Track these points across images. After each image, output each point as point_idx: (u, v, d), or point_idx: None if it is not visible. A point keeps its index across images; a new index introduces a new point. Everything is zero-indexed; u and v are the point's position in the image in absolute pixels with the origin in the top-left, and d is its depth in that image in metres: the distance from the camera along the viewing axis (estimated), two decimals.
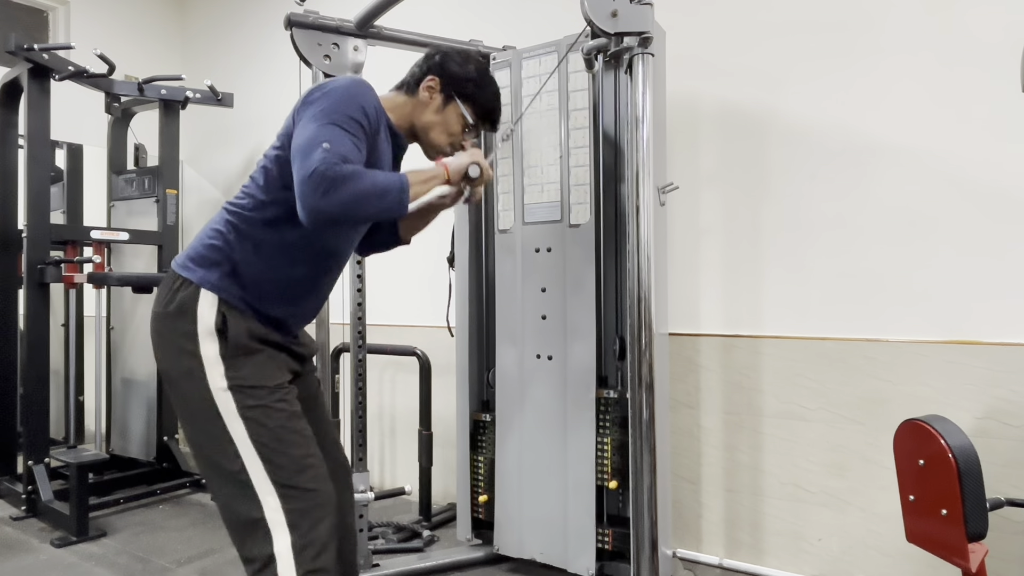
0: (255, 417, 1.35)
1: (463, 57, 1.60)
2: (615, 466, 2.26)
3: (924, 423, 1.40)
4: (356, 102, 1.37)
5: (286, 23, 2.30)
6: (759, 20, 2.42)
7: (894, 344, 2.18)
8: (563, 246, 2.32)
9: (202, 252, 1.43)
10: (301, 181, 1.26)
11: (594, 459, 2.25)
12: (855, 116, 2.25)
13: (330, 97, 1.36)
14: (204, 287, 1.39)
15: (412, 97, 1.58)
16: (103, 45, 3.40)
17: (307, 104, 1.38)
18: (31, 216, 3.09)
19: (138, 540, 2.81)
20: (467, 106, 1.57)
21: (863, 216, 2.24)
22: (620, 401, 2.26)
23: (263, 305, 1.43)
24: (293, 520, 1.34)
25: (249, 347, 1.39)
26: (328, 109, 1.34)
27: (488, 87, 1.61)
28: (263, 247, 1.42)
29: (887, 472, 2.17)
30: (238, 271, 1.41)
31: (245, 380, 1.37)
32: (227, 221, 1.44)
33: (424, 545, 2.70)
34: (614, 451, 2.25)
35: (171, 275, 1.45)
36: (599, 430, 2.26)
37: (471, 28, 2.83)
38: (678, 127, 2.51)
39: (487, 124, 1.64)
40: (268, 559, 1.32)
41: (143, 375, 3.67)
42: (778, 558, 2.38)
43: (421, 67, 1.59)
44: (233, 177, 4.24)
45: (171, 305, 1.40)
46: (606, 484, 2.25)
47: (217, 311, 1.38)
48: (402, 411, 3.38)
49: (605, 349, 2.32)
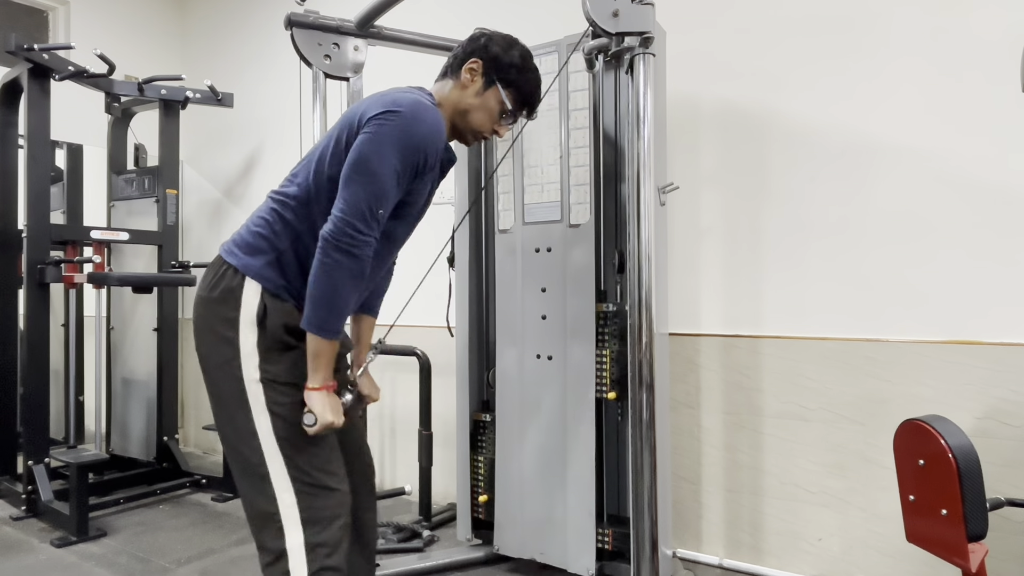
0: (282, 414, 1.37)
1: (508, 42, 1.57)
2: (614, 377, 2.27)
3: (924, 423, 1.40)
4: (417, 145, 1.37)
5: (286, 23, 2.30)
6: (760, 21, 2.42)
7: (894, 344, 2.18)
8: (563, 246, 2.32)
9: (248, 239, 1.44)
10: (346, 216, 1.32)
11: (594, 459, 2.25)
12: (856, 118, 2.25)
13: (397, 126, 1.35)
14: (248, 274, 1.40)
15: (455, 80, 1.55)
16: (103, 45, 3.40)
17: (373, 120, 1.36)
18: (31, 216, 3.09)
19: (138, 540, 2.81)
20: (508, 92, 1.55)
21: (863, 217, 2.24)
22: (619, 313, 2.28)
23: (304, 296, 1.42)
24: (307, 518, 1.35)
25: (285, 342, 1.40)
26: (387, 146, 1.34)
27: (530, 74, 1.58)
28: (305, 239, 1.42)
29: (887, 472, 2.17)
30: (282, 260, 1.42)
31: (278, 376, 1.38)
32: (272, 210, 1.44)
33: (424, 545, 2.70)
34: (612, 362, 2.28)
35: (217, 260, 1.45)
36: (599, 343, 2.27)
37: (471, 28, 2.82)
38: (678, 127, 2.52)
39: (525, 111, 1.63)
40: (280, 553, 1.34)
41: (143, 375, 3.67)
42: (778, 558, 2.38)
43: (465, 48, 1.57)
44: (233, 177, 4.24)
45: (216, 290, 1.41)
46: (605, 395, 2.27)
47: (260, 300, 1.39)
48: (402, 411, 3.38)
49: (605, 265, 2.32)
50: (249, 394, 1.37)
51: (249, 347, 1.37)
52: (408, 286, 2.21)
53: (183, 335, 3.76)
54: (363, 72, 2.42)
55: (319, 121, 2.36)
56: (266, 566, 1.36)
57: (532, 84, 1.59)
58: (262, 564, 1.38)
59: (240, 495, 1.44)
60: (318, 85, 2.35)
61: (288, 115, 3.81)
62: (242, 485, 1.42)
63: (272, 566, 1.35)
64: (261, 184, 4.07)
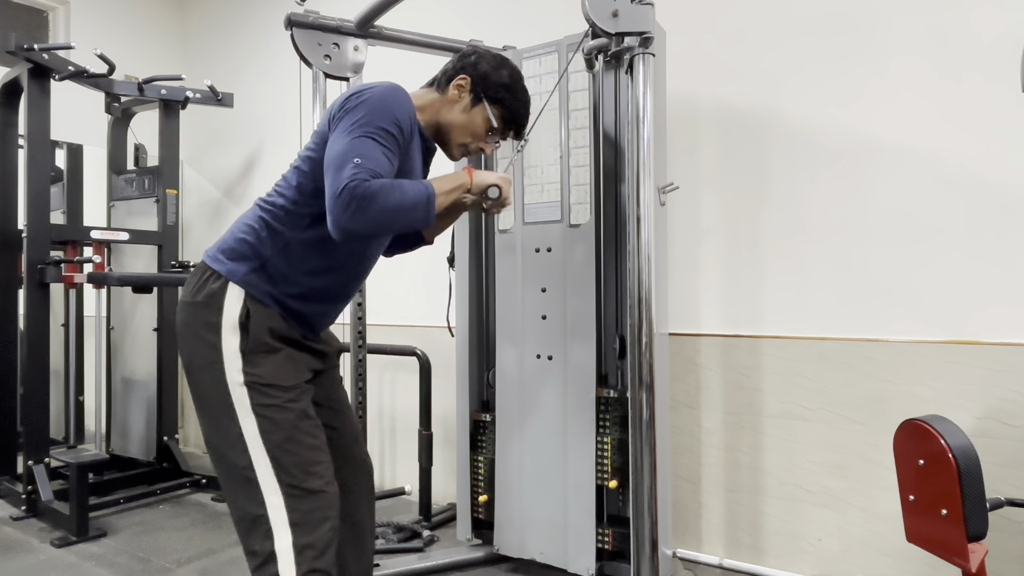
0: (267, 416, 1.37)
1: (498, 61, 1.58)
2: (615, 465, 2.25)
3: (924, 423, 1.40)
4: (390, 112, 1.38)
5: (286, 23, 2.30)
6: (761, 21, 2.42)
7: (894, 344, 2.18)
8: (563, 246, 2.32)
9: (233, 246, 1.44)
10: (332, 197, 1.30)
11: (594, 459, 2.25)
12: (856, 118, 2.25)
13: (365, 106, 1.37)
14: (232, 280, 1.41)
15: (441, 94, 1.57)
16: (103, 45, 3.40)
17: (343, 112, 1.38)
18: (31, 216, 3.09)
19: (138, 540, 2.81)
20: (495, 110, 1.56)
21: (864, 217, 2.24)
22: (620, 400, 2.26)
23: (289, 302, 1.44)
24: (295, 520, 1.35)
25: (269, 344, 1.40)
26: (362, 120, 1.35)
27: (519, 95, 1.59)
28: (293, 246, 1.44)
29: (887, 472, 2.17)
30: (267, 267, 1.42)
31: (261, 378, 1.38)
32: (259, 217, 1.45)
33: (424, 545, 2.70)
34: (614, 450, 2.25)
35: (201, 266, 1.46)
36: (599, 429, 2.26)
37: (471, 28, 2.84)
38: (678, 127, 2.52)
39: (512, 131, 1.63)
40: (269, 555, 1.34)
41: (143, 375, 3.67)
42: (778, 558, 2.38)
43: (455, 65, 1.58)
44: (233, 177, 4.24)
45: (199, 295, 1.42)
46: (606, 484, 2.26)
47: (243, 305, 1.39)
48: (402, 411, 3.38)
49: (605, 348, 2.32)
50: (234, 397, 1.37)
51: (232, 350, 1.38)
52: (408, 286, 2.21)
53: None
54: (363, 72, 2.42)
55: (319, 121, 2.36)
56: (255, 569, 1.36)
57: (520, 104, 1.60)
58: (251, 567, 1.37)
59: (226, 499, 1.43)
60: (318, 85, 2.35)
61: (288, 115, 3.81)
62: (228, 489, 1.41)
63: (261, 569, 1.35)
64: (261, 184, 4.06)
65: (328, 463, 1.44)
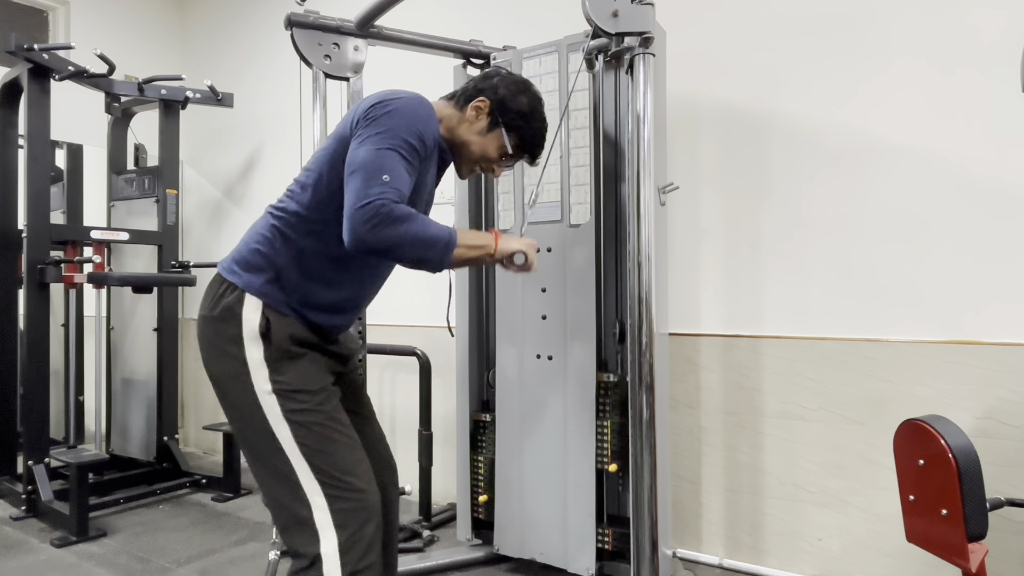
0: (299, 420, 1.38)
1: (518, 87, 1.58)
2: (615, 449, 2.26)
3: (924, 423, 1.40)
4: (416, 126, 1.38)
5: (286, 23, 2.30)
6: (760, 21, 2.42)
7: (894, 344, 2.18)
8: (563, 246, 2.32)
9: (247, 257, 1.45)
10: (354, 206, 1.29)
11: (594, 449, 2.25)
12: (856, 117, 2.25)
13: (393, 117, 1.36)
14: (248, 292, 1.41)
15: (459, 111, 1.57)
16: (103, 45, 3.40)
17: (369, 120, 1.37)
18: (31, 216, 3.09)
19: (138, 540, 2.81)
20: (511, 137, 1.57)
21: (863, 216, 2.24)
22: (620, 384, 2.27)
23: (306, 310, 1.45)
24: (339, 521, 1.36)
25: (292, 351, 1.41)
26: (390, 131, 1.34)
27: (536, 123, 1.59)
28: (307, 254, 1.44)
29: (887, 472, 2.17)
30: (282, 277, 1.43)
31: (288, 384, 1.39)
32: (272, 226, 1.45)
33: (424, 545, 2.70)
34: (614, 434, 2.26)
35: (216, 279, 1.46)
36: (599, 413, 2.26)
37: (471, 28, 2.83)
38: (678, 127, 2.51)
39: (526, 157, 1.64)
40: (315, 558, 1.34)
41: (143, 375, 3.67)
42: (778, 558, 2.38)
43: (476, 85, 1.58)
44: (233, 177, 4.24)
45: (216, 309, 1.42)
46: (606, 467, 2.26)
47: (261, 315, 1.40)
48: (402, 411, 3.38)
49: (605, 335, 2.32)
50: (264, 405, 1.38)
51: (256, 360, 1.39)
52: (408, 286, 2.21)
53: (183, 335, 3.76)
54: (363, 72, 2.42)
55: (319, 121, 2.36)
56: (300, 571, 1.36)
57: (536, 132, 1.60)
58: (295, 570, 1.37)
59: (268, 503, 1.44)
60: (318, 85, 2.35)
61: (288, 115, 3.81)
62: (271, 493, 1.41)
63: (306, 571, 1.35)
64: (261, 184, 4.07)
65: (367, 463, 1.45)
